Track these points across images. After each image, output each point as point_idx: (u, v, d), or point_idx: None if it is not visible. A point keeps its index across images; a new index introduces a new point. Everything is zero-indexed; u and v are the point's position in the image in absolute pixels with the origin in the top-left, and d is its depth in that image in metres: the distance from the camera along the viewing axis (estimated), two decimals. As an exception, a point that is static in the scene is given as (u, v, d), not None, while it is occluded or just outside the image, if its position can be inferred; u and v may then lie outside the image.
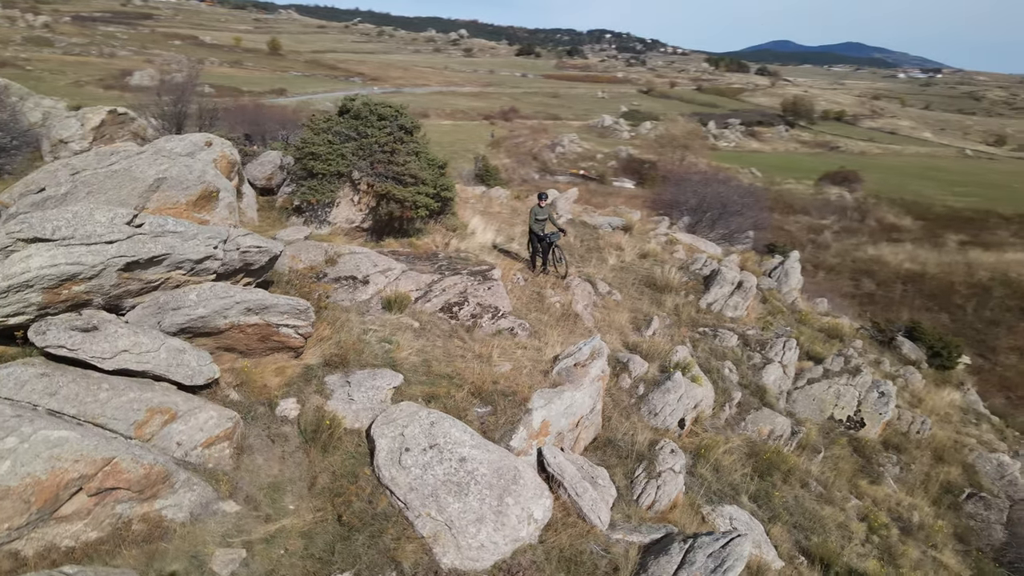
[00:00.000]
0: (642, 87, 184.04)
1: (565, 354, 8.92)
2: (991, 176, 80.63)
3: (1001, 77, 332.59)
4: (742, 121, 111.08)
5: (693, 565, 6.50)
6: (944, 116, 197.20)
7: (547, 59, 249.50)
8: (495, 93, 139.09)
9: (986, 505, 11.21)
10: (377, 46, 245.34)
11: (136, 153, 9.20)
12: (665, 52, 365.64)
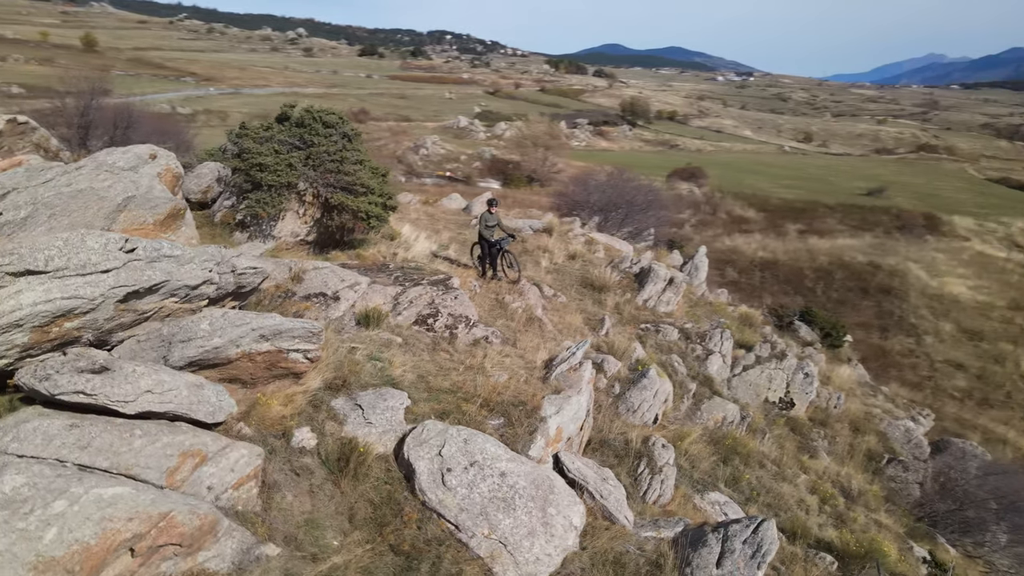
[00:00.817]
0: (488, 88, 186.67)
1: (559, 359, 9.03)
2: (809, 170, 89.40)
3: (803, 80, 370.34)
4: (589, 121, 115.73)
5: (734, 553, 6.87)
6: (759, 115, 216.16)
7: (391, 60, 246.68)
8: (341, 94, 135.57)
9: (904, 467, 12.65)
10: (208, 44, 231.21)
11: (75, 168, 8.22)
12: (506, 53, 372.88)
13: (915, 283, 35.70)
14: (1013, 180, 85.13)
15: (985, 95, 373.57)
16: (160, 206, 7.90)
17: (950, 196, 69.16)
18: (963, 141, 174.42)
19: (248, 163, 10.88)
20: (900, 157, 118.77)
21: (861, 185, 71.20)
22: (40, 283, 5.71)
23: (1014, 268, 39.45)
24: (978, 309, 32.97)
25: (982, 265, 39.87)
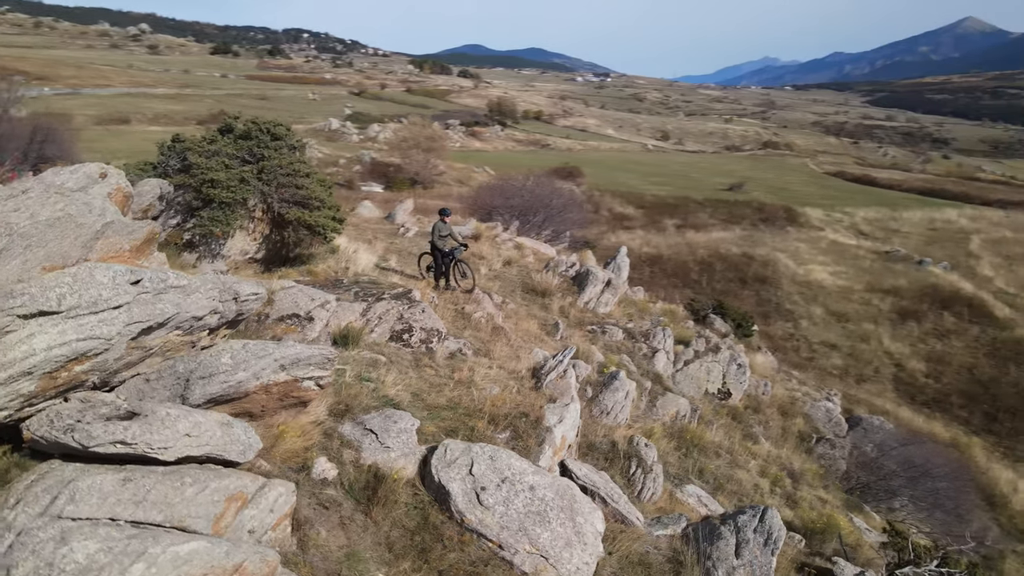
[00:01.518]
0: (353, 89, 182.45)
1: (547, 368, 9.16)
2: (673, 167, 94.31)
3: (655, 81, 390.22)
4: (461, 122, 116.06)
5: (749, 543, 7.29)
6: (619, 115, 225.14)
7: (247, 59, 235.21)
8: (195, 95, 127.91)
9: (831, 445, 13.83)
10: (36, 39, 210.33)
11: (21, 192, 7.39)
12: (367, 53, 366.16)
13: (785, 271, 38.72)
14: (848, 174, 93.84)
15: (813, 95, 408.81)
16: (137, 231, 7.27)
17: (799, 189, 75.34)
18: (799, 138, 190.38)
19: (198, 179, 10.14)
20: (750, 154, 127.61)
21: (722, 181, 76.04)
22: (53, 324, 5.16)
23: (865, 254, 43.70)
24: (841, 293, 36.27)
25: (838, 253, 43.86)
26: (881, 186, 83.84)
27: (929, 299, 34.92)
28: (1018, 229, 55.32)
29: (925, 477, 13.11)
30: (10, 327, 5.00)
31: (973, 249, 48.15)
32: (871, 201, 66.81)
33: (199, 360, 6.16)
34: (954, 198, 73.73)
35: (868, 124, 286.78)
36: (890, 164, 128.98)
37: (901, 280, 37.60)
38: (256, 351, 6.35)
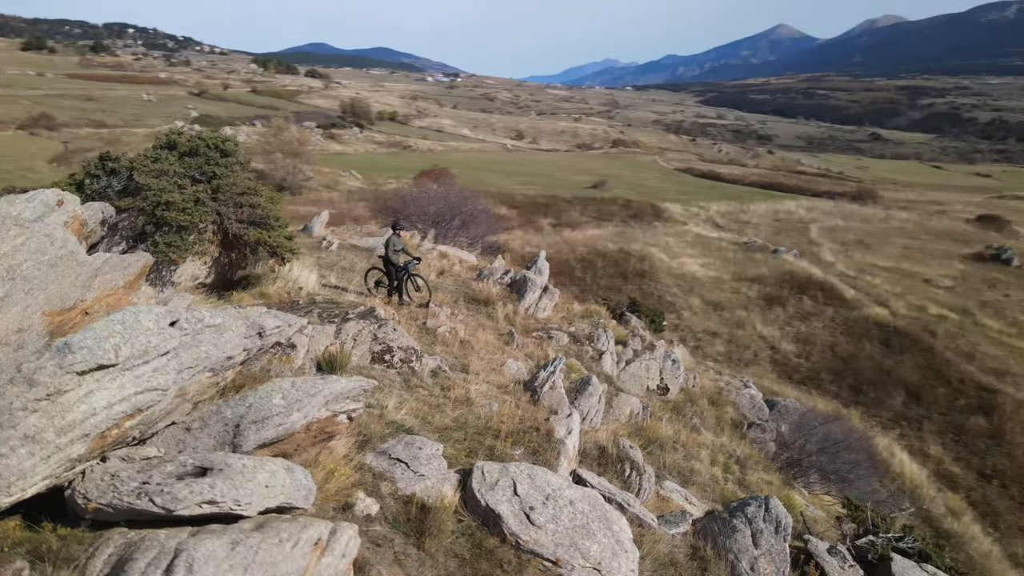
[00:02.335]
0: (192, 89, 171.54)
1: (539, 380, 9.26)
2: (535, 166, 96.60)
3: (504, 81, 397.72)
4: (317, 124, 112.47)
5: (763, 532, 7.79)
6: (473, 115, 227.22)
7: (66, 55, 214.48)
8: (8, 95, 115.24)
9: (761, 430, 14.89)
10: None
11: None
12: (203, 51, 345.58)
13: (660, 265, 40.90)
14: (695, 170, 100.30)
15: (652, 95, 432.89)
16: (131, 266, 6.58)
17: (655, 185, 79.69)
18: (643, 135, 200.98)
19: (151, 202, 9.19)
20: (604, 152, 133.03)
21: (585, 179, 78.85)
22: (111, 379, 4.64)
23: (727, 246, 47.08)
24: (713, 283, 38.87)
25: (704, 245, 46.95)
26: (725, 181, 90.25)
27: (788, 285, 38.24)
28: (847, 217, 61.67)
29: (846, 451, 14.54)
30: (67, 386, 4.43)
31: (814, 237, 53.18)
32: (720, 195, 71.86)
33: (248, 404, 5.74)
34: (789, 191, 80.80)
35: (702, 122, 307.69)
36: (728, 160, 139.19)
37: (762, 269, 40.91)
38: (307, 389, 6.00)
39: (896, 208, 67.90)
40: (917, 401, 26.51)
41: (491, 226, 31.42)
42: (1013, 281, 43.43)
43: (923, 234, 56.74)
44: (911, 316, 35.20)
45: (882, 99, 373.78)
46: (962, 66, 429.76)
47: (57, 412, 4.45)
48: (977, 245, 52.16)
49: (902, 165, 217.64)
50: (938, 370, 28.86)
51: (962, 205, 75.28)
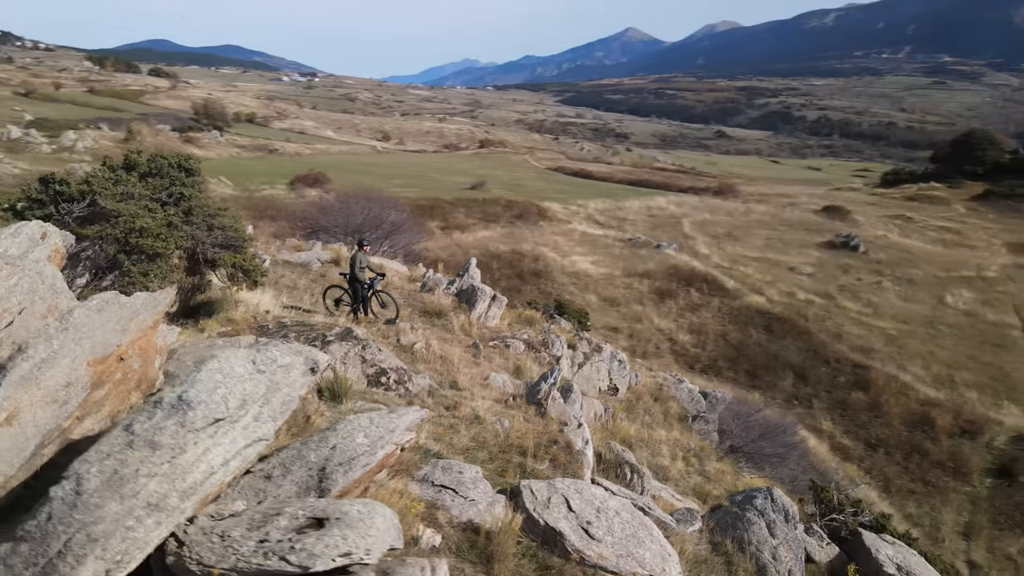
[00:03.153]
0: (18, 88, 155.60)
1: (541, 392, 9.33)
2: (409, 168, 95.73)
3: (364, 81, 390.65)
4: (172, 127, 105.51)
5: (776, 523, 8.29)
6: (336, 116, 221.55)
7: None
8: None
9: (705, 421, 15.68)
10: None
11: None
12: (24, 47, 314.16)
13: (554, 264, 41.88)
14: (567, 168, 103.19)
15: (513, 95, 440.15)
16: (159, 303, 6.00)
17: (532, 185, 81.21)
18: (508, 135, 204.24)
19: (123, 228, 8.26)
20: (475, 152, 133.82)
21: (462, 180, 79.05)
22: (224, 433, 4.27)
23: (612, 243, 48.92)
24: (605, 280, 40.30)
25: (591, 243, 48.51)
26: (597, 179, 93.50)
27: (675, 279, 40.36)
28: (713, 212, 65.74)
29: (780, 435, 15.66)
30: (188, 446, 4.03)
31: (687, 231, 56.34)
32: (595, 193, 74.39)
33: (332, 445, 5.43)
34: (657, 187, 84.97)
35: (563, 121, 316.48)
36: (593, 159, 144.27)
37: (650, 264, 42.91)
38: (386, 425, 5.76)
39: (753, 202, 73.15)
40: (804, 381, 28.89)
41: (414, 235, 30.95)
42: (862, 266, 48.13)
43: (780, 225, 61.54)
44: (784, 302, 38.19)
45: (724, 99, 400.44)
46: (790, 68, 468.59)
47: (178, 475, 4.06)
48: (827, 234, 57.27)
49: (745, 160, 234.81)
50: (816, 351, 31.55)
51: (807, 197, 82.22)
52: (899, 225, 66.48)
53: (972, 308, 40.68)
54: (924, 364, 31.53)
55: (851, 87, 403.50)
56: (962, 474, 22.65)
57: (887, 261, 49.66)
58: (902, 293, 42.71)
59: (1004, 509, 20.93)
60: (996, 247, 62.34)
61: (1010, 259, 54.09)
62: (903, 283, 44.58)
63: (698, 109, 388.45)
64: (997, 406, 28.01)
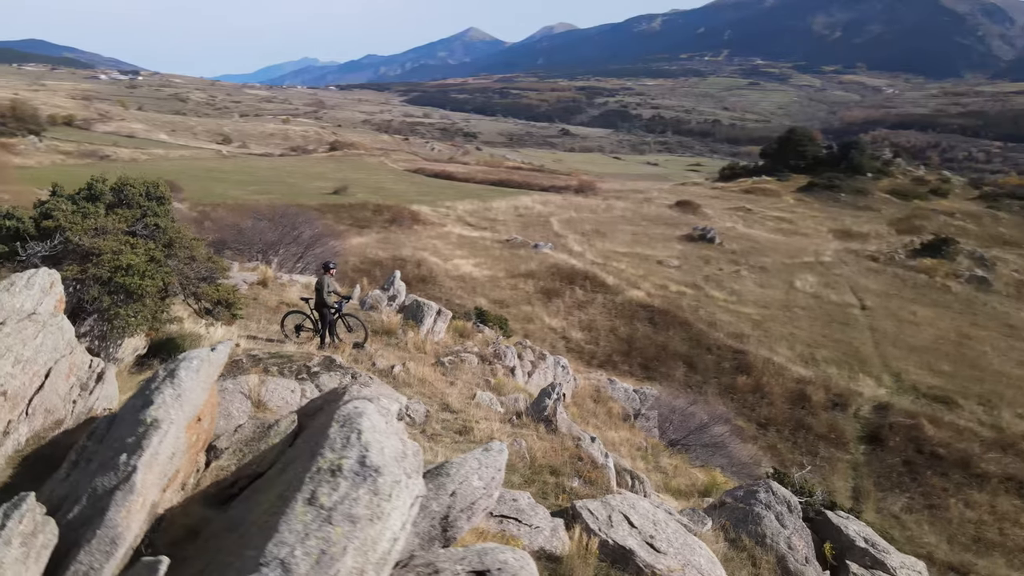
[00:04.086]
0: None
1: (547, 411, 9.30)
2: (261, 173, 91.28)
3: (195, 80, 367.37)
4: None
5: (783, 515, 8.80)
6: (168, 118, 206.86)
7: None
8: None
9: (645, 419, 16.21)
10: None
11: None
12: None
13: (438, 269, 41.60)
14: (426, 170, 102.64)
15: (358, 95, 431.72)
16: (223, 356, 5.36)
17: (394, 188, 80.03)
18: (356, 136, 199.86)
19: (107, 267, 7.10)
20: (329, 155, 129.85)
21: (322, 184, 76.47)
22: (398, 495, 3.90)
23: (491, 244, 49.32)
24: (491, 282, 40.57)
25: (470, 245, 48.61)
26: (458, 180, 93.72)
27: (558, 277, 41.38)
28: (578, 209, 68.06)
29: (717, 425, 16.55)
30: (379, 513, 3.65)
31: (557, 230, 57.93)
32: (460, 195, 74.58)
33: (452, 491, 5.14)
34: (519, 187, 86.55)
35: (411, 121, 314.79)
36: (448, 158, 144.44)
37: (531, 264, 43.69)
38: (492, 464, 5.51)
39: (613, 198, 76.47)
40: (694, 370, 30.70)
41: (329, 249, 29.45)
42: (720, 256, 51.79)
43: (641, 220, 64.82)
44: (660, 295, 40.30)
45: (566, 98, 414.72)
46: (625, 69, 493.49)
47: (369, 546, 3.70)
48: (684, 227, 61.03)
49: (590, 157, 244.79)
50: (699, 340, 33.61)
51: (658, 192, 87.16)
52: (742, 216, 72.05)
53: (817, 291, 44.97)
54: (789, 345, 34.48)
55: (679, 87, 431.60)
56: (842, 444, 25.09)
57: (740, 251, 53.70)
58: (758, 280, 46.40)
59: (881, 472, 23.44)
60: (823, 233, 69.28)
61: (839, 244, 60.33)
62: (757, 271, 48.45)
63: (542, 108, 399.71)
64: (854, 379, 31.21)
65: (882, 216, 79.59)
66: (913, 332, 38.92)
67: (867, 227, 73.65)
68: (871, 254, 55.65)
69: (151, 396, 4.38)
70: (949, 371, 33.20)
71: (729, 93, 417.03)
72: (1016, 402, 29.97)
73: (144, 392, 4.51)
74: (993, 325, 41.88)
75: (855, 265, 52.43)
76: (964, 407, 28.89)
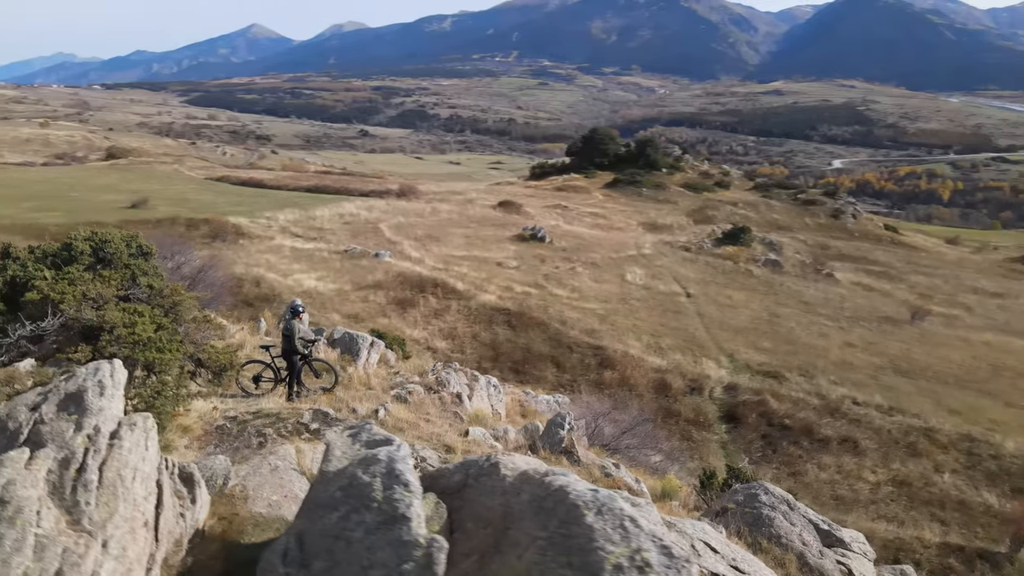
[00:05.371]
0: None
1: (565, 442, 9.18)
2: (34, 187, 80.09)
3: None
4: None
5: (787, 514, 9.39)
6: None
7: None
8: None
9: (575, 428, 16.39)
10: None
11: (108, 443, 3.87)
12: None
13: (279, 285, 39.11)
14: (233, 177, 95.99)
15: (129, 95, 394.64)
16: None
17: (201, 199, 73.98)
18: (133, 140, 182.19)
19: (126, 344, 5.57)
20: (111, 164, 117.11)
21: (116, 198, 68.79)
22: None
23: (329, 256, 47.19)
24: (339, 296, 38.89)
25: (306, 258, 46.22)
26: (269, 187, 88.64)
27: (407, 286, 40.67)
28: (405, 214, 67.33)
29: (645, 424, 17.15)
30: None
31: (390, 236, 56.94)
32: (277, 204, 70.60)
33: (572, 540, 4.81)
34: (336, 193, 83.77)
35: (195, 124, 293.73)
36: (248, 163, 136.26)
37: (377, 274, 42.50)
38: (649, 515, 5.27)
39: (437, 201, 76.61)
40: (562, 369, 31.71)
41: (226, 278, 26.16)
42: (553, 254, 53.91)
43: (469, 222, 65.60)
44: (508, 296, 41.13)
45: (362, 99, 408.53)
46: (420, 69, 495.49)
47: None
48: (512, 228, 62.71)
49: (392, 158, 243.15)
50: (558, 339, 34.77)
51: (476, 193, 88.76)
52: (560, 214, 75.48)
53: (647, 283, 48.39)
54: (636, 336, 36.77)
55: (474, 87, 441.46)
56: (708, 426, 27.29)
57: (570, 248, 56.27)
58: (593, 276, 48.93)
59: (744, 448, 25.84)
60: (634, 227, 74.65)
61: (654, 237, 65.31)
62: (590, 267, 51.07)
63: (338, 108, 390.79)
64: (698, 363, 34.03)
65: (679, 208, 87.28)
66: (733, 315, 43.21)
67: (670, 219, 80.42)
68: (683, 245, 60.89)
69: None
70: (770, 348, 37.30)
71: (521, 93, 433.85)
72: (827, 370, 34.39)
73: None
74: (792, 303, 47.69)
75: (672, 256, 57.09)
76: (790, 379, 32.62)
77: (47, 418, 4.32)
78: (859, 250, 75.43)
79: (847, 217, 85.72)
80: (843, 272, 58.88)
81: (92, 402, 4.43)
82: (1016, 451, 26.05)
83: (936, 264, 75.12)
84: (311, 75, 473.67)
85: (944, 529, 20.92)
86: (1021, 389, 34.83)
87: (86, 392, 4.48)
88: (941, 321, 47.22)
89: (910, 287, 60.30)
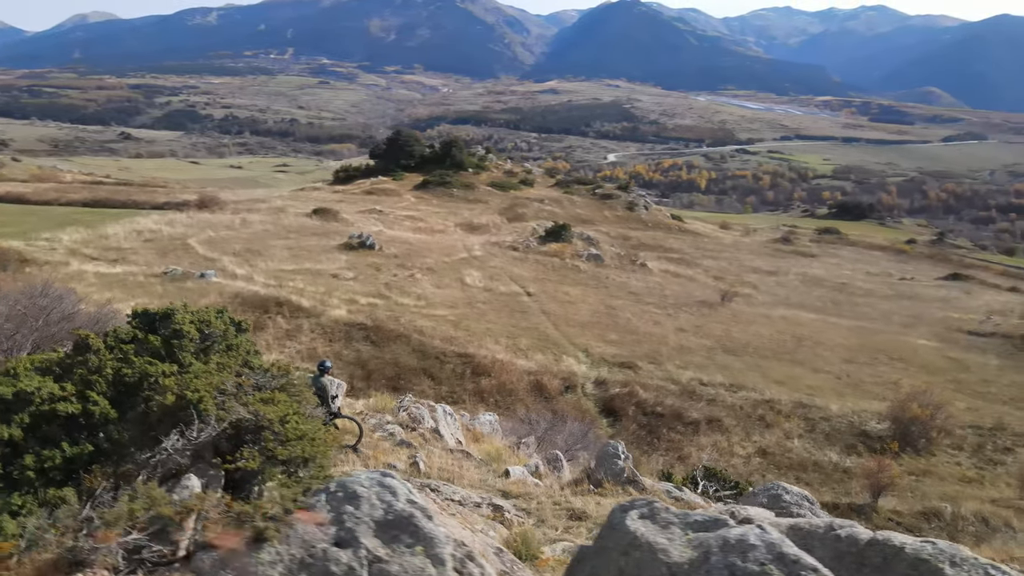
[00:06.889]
0: None
1: (627, 472, 9.31)
2: None
3: None
4: None
5: (814, 511, 10.26)
6: None
7: None
8: None
9: (526, 445, 16.33)
10: None
11: None
12: None
13: (104, 319, 34.51)
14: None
15: None
16: None
17: (-49, 220, 62.82)
18: None
19: (295, 445, 4.39)
20: None
21: None
22: None
23: (145, 279, 42.12)
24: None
25: (119, 284, 40.92)
26: (34, 203, 77.29)
27: (248, 307, 37.56)
28: (214, 227, 62.20)
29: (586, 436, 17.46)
30: None
31: (204, 253, 52.42)
32: (53, 223, 61.79)
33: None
34: (123, 206, 75.31)
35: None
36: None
37: (211, 297, 38.74)
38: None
39: (244, 212, 71.71)
40: (437, 381, 31.31)
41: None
42: (387, 262, 52.85)
43: (288, 233, 62.26)
44: (357, 310, 39.76)
45: (119, 98, 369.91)
46: (185, 66, 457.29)
47: None
48: (336, 236, 60.53)
49: (163, 163, 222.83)
50: (422, 351, 34.28)
51: (283, 201, 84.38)
52: (379, 219, 74.22)
53: (487, 285, 49.22)
54: (494, 339, 37.32)
55: (249, 86, 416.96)
56: (591, 421, 28.43)
57: (402, 254, 55.60)
58: (433, 281, 48.78)
59: (633, 439, 27.33)
60: (453, 228, 75.52)
61: (479, 238, 66.46)
62: (427, 272, 50.85)
63: (90, 109, 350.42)
64: (560, 361, 35.38)
65: (491, 207, 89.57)
66: (574, 310, 45.41)
67: (484, 218, 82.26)
68: (511, 244, 62.66)
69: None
70: (617, 339, 39.77)
71: (302, 92, 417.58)
72: (671, 356, 37.44)
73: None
74: (623, 294, 51.15)
75: (503, 256, 58.53)
76: (643, 368, 35.06)
77: (380, 554, 3.68)
78: (655, 239, 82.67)
79: (640, 209, 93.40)
80: (653, 262, 64.18)
81: (425, 525, 3.85)
82: (839, 412, 30.33)
83: (718, 248, 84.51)
84: (53, 71, 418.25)
85: (812, 490, 23.82)
86: (822, 356, 40.51)
87: (415, 516, 3.87)
88: (743, 301, 53.31)
89: (705, 271, 67.32)
